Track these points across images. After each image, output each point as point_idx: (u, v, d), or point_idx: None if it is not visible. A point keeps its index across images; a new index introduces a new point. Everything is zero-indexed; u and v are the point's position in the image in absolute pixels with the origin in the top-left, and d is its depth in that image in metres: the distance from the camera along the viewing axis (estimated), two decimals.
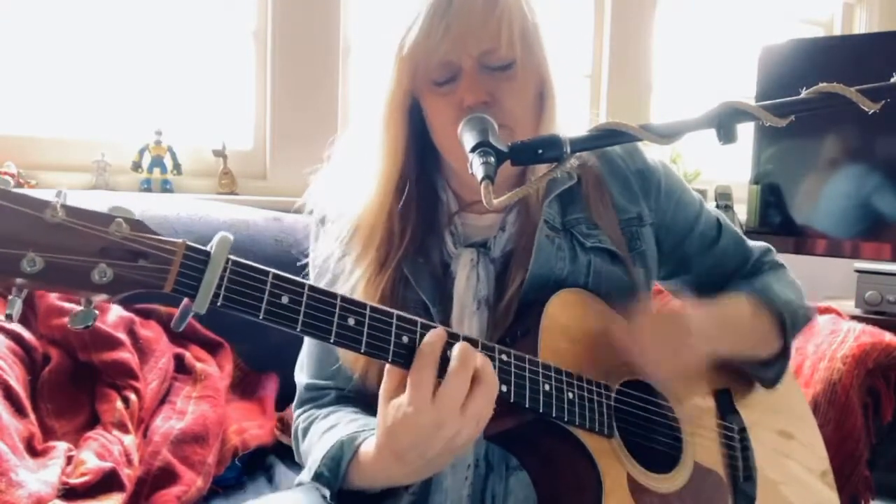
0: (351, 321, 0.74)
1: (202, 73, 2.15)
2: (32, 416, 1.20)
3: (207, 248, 0.67)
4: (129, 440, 1.22)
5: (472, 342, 0.80)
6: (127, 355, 1.33)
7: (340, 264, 1.01)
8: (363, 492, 0.90)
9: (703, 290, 1.16)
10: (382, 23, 2.28)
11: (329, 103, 2.21)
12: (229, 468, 1.39)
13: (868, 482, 1.57)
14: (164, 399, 1.37)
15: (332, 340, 0.73)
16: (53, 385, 1.29)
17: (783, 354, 1.09)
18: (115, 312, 1.40)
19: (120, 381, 1.31)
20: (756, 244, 1.20)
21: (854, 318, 1.86)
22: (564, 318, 0.93)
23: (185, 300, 0.67)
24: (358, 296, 0.87)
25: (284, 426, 1.51)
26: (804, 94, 0.75)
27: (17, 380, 1.21)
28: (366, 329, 0.75)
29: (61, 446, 1.18)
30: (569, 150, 0.79)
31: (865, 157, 2.30)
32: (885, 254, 2.24)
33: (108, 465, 1.15)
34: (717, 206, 2.59)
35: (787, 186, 2.43)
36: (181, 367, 1.44)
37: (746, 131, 2.02)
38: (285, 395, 1.22)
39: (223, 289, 0.67)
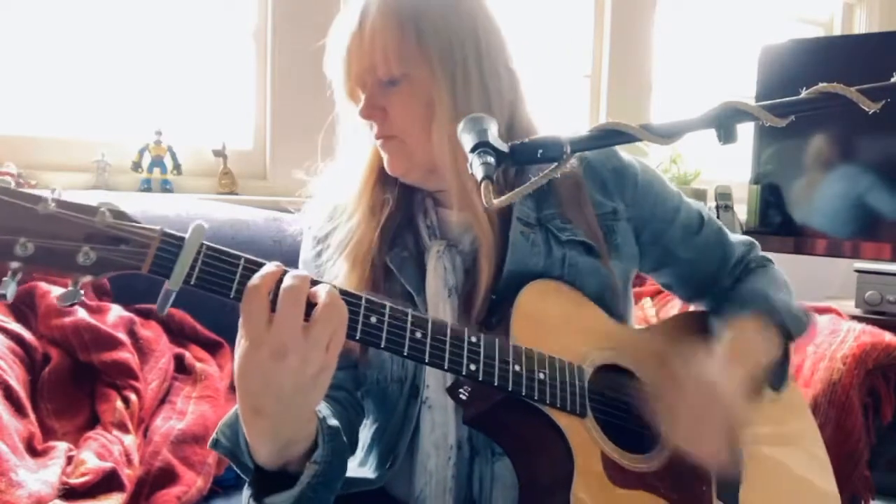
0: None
1: (202, 72, 2.15)
2: (32, 416, 1.20)
3: (183, 235, 0.72)
4: (130, 440, 1.22)
5: (442, 326, 0.83)
6: (127, 355, 1.33)
7: (322, 258, 1.05)
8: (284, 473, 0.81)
9: (687, 281, 1.19)
10: None
11: (329, 104, 2.20)
12: (229, 468, 1.38)
13: (868, 482, 1.57)
14: (164, 399, 1.37)
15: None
16: (53, 385, 1.29)
17: (784, 357, 1.10)
18: (115, 312, 1.40)
19: (120, 382, 1.31)
20: (739, 238, 1.21)
21: (854, 318, 1.86)
22: (537, 306, 0.95)
23: (166, 282, 0.72)
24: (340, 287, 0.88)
25: None
26: (804, 94, 0.75)
27: (17, 380, 1.21)
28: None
29: (61, 446, 1.18)
30: (569, 150, 0.79)
31: (865, 157, 2.30)
32: (885, 254, 2.24)
33: (108, 465, 1.15)
34: (717, 206, 2.59)
35: (787, 186, 2.43)
36: (181, 367, 1.44)
37: (746, 131, 2.03)
38: None
39: (196, 269, 0.71)
